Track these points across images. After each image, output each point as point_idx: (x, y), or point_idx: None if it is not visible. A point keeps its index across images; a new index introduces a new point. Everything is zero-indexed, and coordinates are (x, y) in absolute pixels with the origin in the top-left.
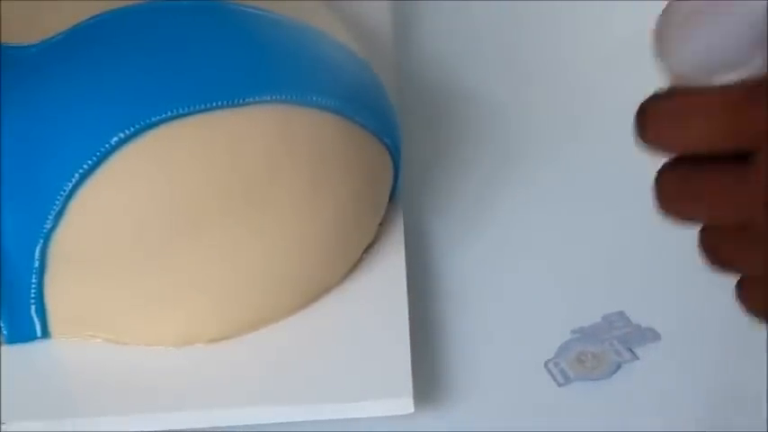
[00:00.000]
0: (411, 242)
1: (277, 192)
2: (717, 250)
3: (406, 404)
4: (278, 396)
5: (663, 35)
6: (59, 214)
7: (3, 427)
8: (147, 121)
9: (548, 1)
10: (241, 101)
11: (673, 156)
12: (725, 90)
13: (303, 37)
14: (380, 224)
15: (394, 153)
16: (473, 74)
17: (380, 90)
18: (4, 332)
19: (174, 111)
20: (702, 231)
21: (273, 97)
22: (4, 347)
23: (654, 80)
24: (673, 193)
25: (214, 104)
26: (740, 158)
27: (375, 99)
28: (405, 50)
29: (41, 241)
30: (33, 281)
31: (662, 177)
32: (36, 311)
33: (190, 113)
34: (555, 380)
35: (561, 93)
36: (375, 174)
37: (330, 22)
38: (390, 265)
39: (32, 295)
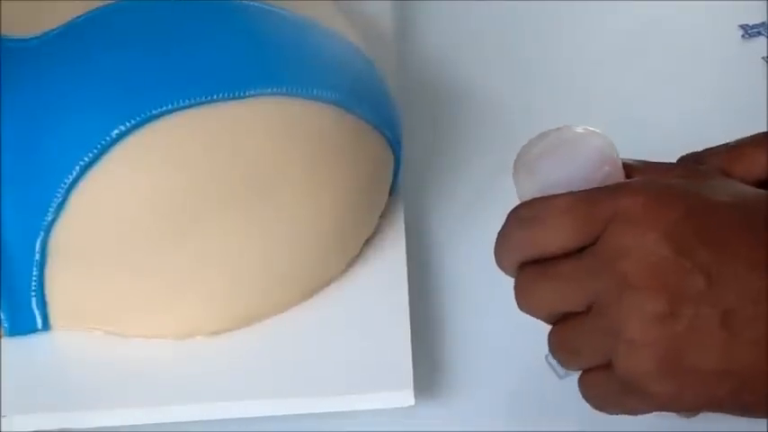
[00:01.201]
0: (412, 235)
1: (278, 184)
2: (564, 342)
3: (406, 397)
4: (278, 389)
5: (516, 168)
6: (60, 207)
7: (3, 419)
8: (148, 113)
9: (548, 1)
10: (242, 93)
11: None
12: (571, 194)
13: (305, 31)
14: (381, 217)
15: (395, 146)
16: (474, 71)
17: (382, 84)
18: (5, 324)
19: (176, 103)
20: (553, 328)
21: (275, 90)
22: (5, 340)
23: (654, 79)
24: (529, 283)
25: (215, 97)
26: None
27: (376, 92)
28: (406, 47)
29: (42, 234)
30: (34, 273)
31: (520, 274)
32: (37, 304)
33: (191, 105)
34: (556, 372)
35: (561, 89)
36: (376, 166)
37: (333, 17)
38: (391, 258)
39: (33, 288)
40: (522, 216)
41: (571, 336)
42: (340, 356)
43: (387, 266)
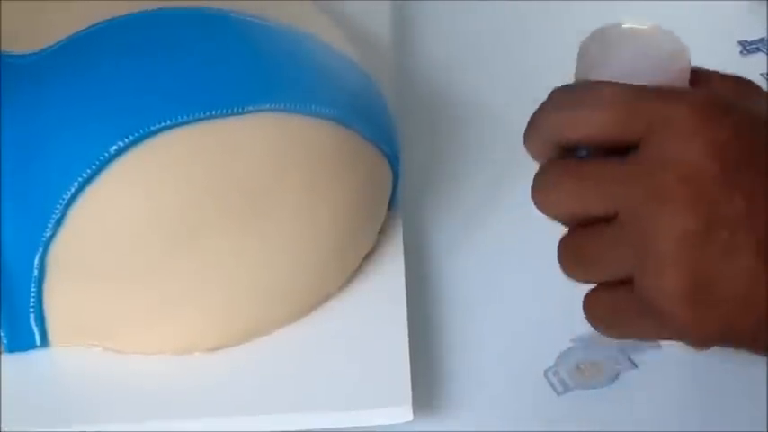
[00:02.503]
0: (410, 250)
1: (276, 200)
2: (580, 249)
3: (405, 412)
4: (277, 405)
5: (588, 45)
6: (58, 223)
7: None
8: (146, 129)
9: (548, 2)
10: (240, 109)
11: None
12: (618, 84)
13: (303, 46)
14: (380, 232)
15: (393, 161)
16: (472, 82)
17: (380, 99)
18: (4, 341)
19: (173, 119)
20: (568, 233)
21: (272, 106)
22: (4, 356)
23: None
24: (553, 177)
25: (213, 113)
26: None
27: (374, 108)
28: (404, 54)
29: (40, 250)
30: (32, 289)
31: (543, 166)
32: (35, 320)
33: (189, 122)
34: (554, 388)
35: None
36: (374, 182)
37: (330, 31)
38: (389, 273)
39: (31, 304)
40: (562, 97)
41: (590, 243)
42: (339, 372)
43: (385, 282)
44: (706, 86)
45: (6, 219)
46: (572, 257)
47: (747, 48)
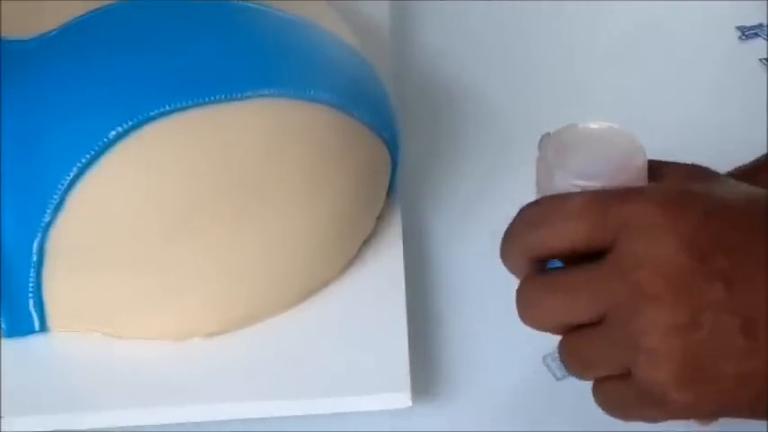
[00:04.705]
0: (409, 236)
1: (275, 185)
2: (577, 353)
3: (403, 398)
4: (275, 390)
5: (545, 153)
6: (57, 208)
7: (2, 420)
8: (146, 114)
9: (545, 2)
10: (239, 95)
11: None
12: (583, 195)
13: (302, 32)
14: (378, 218)
15: (392, 147)
16: (470, 70)
17: (379, 85)
18: (3, 326)
19: (173, 104)
20: (563, 339)
21: (272, 91)
22: (3, 341)
23: (652, 80)
24: (535, 294)
25: (212, 98)
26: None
27: (373, 94)
28: (403, 47)
29: (39, 235)
30: (31, 275)
31: (523, 285)
32: (34, 305)
33: (188, 107)
34: (553, 374)
35: (558, 89)
36: (373, 168)
37: (330, 18)
38: (388, 260)
39: (30, 289)
40: (530, 217)
41: (584, 347)
42: (337, 358)
43: (384, 268)
44: (667, 174)
45: (5, 204)
46: (571, 361)
47: (746, 33)
